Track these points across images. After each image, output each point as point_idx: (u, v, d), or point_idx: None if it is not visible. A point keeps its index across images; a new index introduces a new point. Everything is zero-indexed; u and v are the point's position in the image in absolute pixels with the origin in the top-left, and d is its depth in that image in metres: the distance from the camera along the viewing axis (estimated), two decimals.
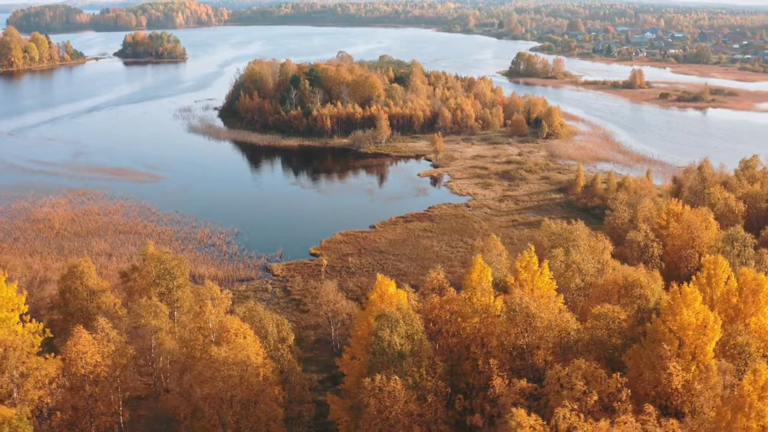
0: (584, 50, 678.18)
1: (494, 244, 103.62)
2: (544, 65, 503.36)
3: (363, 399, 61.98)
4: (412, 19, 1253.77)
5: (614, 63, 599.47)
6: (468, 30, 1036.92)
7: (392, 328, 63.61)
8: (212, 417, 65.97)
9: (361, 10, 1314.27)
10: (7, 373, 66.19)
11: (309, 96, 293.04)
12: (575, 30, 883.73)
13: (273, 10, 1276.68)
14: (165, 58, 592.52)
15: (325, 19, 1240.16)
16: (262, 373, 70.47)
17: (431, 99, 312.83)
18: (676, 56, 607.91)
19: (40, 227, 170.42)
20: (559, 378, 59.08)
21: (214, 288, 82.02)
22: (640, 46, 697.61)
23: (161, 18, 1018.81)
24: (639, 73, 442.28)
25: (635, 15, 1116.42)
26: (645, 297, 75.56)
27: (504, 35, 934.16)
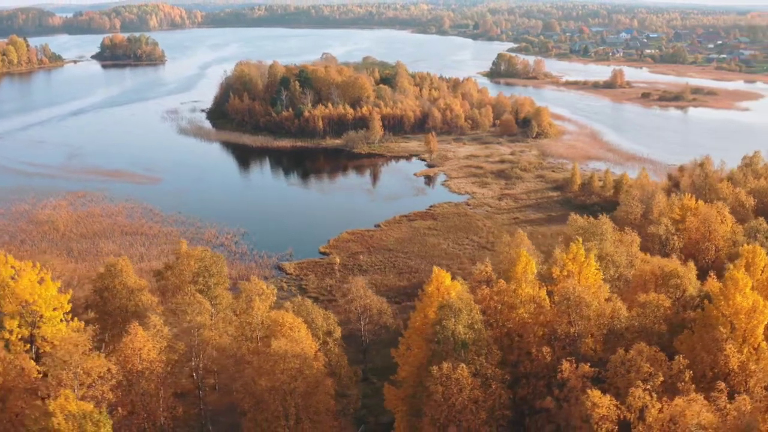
0: (561, 51, 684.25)
1: (521, 239, 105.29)
2: (525, 66, 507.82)
3: (429, 387, 63.61)
4: (386, 20, 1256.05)
5: (591, 63, 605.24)
6: (443, 31, 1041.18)
7: (456, 318, 65.44)
8: (276, 409, 67.30)
9: (334, 12, 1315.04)
10: (71, 369, 67.02)
11: (299, 97, 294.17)
12: (550, 31, 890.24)
13: (247, 13, 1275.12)
14: (144, 60, 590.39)
15: (299, 21, 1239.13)
16: (316, 365, 71.96)
17: (419, 100, 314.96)
18: (653, 56, 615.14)
19: (45, 229, 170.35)
20: (624, 361, 61.19)
21: (260, 283, 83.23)
22: (616, 46, 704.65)
23: (135, 21, 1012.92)
24: (620, 73, 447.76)
25: (608, 15, 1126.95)
26: (682, 286, 77.97)
27: (479, 36, 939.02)
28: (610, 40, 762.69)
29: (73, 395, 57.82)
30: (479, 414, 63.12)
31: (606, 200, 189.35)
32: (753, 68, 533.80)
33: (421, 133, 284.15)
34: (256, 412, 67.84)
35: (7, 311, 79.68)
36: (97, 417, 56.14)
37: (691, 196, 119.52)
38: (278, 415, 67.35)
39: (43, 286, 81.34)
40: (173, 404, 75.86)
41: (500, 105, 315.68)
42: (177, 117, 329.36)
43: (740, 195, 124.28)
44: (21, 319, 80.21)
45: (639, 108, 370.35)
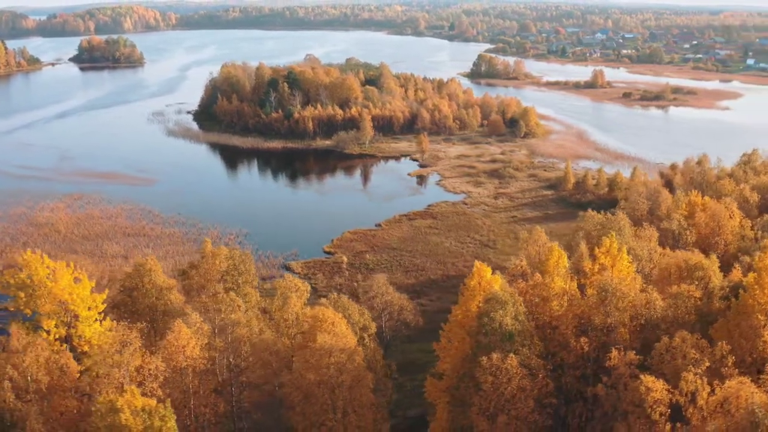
0: (539, 51, 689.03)
1: (539, 235, 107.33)
2: (505, 66, 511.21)
3: (479, 377, 65.28)
4: (361, 22, 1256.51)
5: (569, 64, 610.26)
6: (419, 33, 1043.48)
7: (503, 310, 67.23)
8: (325, 402, 68.69)
9: (309, 14, 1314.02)
10: (123, 367, 68.03)
11: (288, 98, 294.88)
12: (526, 32, 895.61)
13: (221, 15, 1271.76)
14: (122, 63, 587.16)
15: (273, 22, 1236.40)
16: (357, 360, 73.47)
17: (406, 100, 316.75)
18: (630, 56, 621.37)
19: (46, 231, 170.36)
20: (669, 348, 63.27)
21: (294, 280, 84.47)
22: (593, 47, 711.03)
23: (109, 23, 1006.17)
24: (600, 74, 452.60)
25: (582, 16, 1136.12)
26: (707, 278, 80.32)
27: (456, 37, 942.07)
28: (587, 40, 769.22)
29: (138, 391, 58.73)
30: (527, 402, 64.97)
31: (600, 198, 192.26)
32: (729, 68, 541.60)
33: (410, 134, 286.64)
34: (305, 405, 69.15)
35: (45, 311, 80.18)
36: (162, 412, 57.18)
37: (697, 193, 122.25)
38: (327, 409, 68.70)
39: (80, 286, 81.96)
40: (214, 400, 76.90)
41: (486, 105, 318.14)
42: (163, 119, 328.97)
43: (744, 191, 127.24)
44: (57, 319, 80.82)
45: (621, 108, 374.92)
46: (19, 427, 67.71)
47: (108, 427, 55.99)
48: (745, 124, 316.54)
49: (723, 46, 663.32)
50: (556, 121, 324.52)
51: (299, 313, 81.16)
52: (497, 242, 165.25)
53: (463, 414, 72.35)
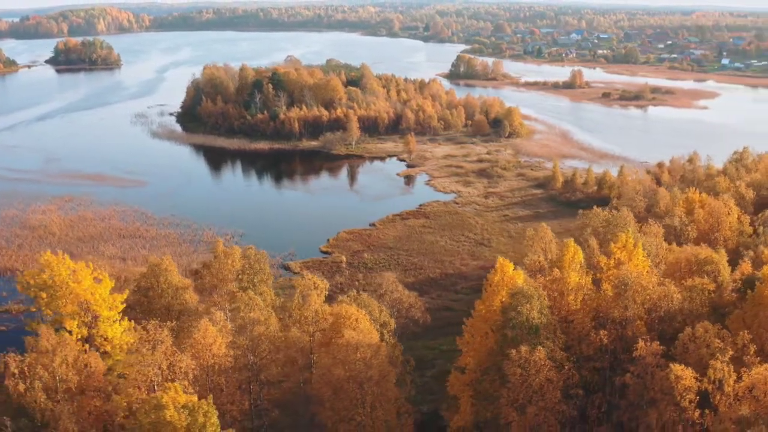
0: (515, 52, 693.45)
1: (545, 232, 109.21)
2: (484, 67, 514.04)
3: (507, 370, 66.87)
4: (335, 23, 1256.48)
5: (545, 64, 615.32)
6: (393, 33, 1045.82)
7: (529, 304, 68.93)
8: (355, 397, 69.95)
9: (283, 15, 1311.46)
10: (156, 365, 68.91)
11: (273, 100, 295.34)
12: (501, 32, 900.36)
13: (194, 16, 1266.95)
14: (99, 65, 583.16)
15: (247, 23, 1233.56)
16: (381, 355, 74.85)
17: (389, 101, 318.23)
18: (606, 57, 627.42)
19: (40, 233, 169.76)
20: (693, 338, 65.25)
21: (314, 278, 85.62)
22: (569, 47, 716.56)
23: (82, 25, 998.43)
24: (579, 74, 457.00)
25: (556, 17, 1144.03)
26: (717, 272, 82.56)
27: (431, 38, 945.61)
28: (562, 41, 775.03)
29: (181, 387, 59.59)
30: (555, 393, 66.70)
31: (589, 197, 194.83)
32: (704, 67, 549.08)
33: (395, 134, 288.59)
34: (335, 400, 70.32)
35: (67, 312, 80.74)
36: (206, 408, 58.10)
37: (694, 190, 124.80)
38: (356, 403, 69.93)
39: (101, 286, 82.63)
40: (239, 398, 77.90)
41: (469, 106, 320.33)
42: (146, 121, 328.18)
43: (740, 188, 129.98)
44: (79, 319, 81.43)
45: (601, 107, 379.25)
46: (51, 427, 68.37)
47: (152, 423, 56.80)
48: (724, 123, 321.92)
49: (697, 46, 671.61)
50: (538, 121, 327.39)
51: (319, 311, 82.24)
52: (492, 240, 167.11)
53: (485, 407, 73.94)
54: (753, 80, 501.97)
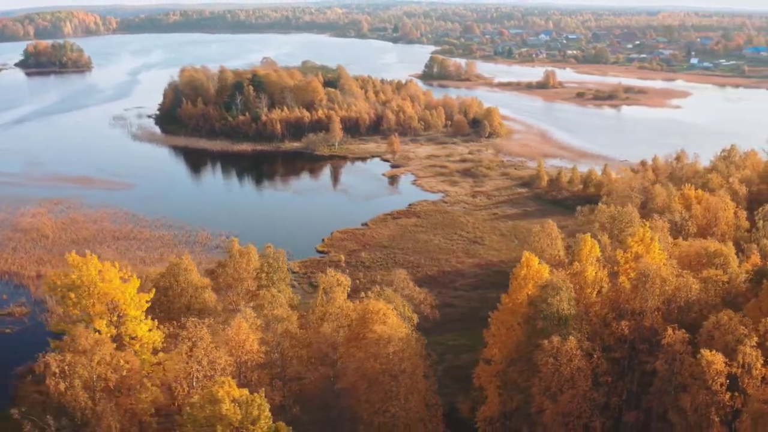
0: (486, 53, 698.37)
1: (551, 228, 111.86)
2: (457, 68, 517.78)
3: (540, 359, 69.23)
4: (303, 24, 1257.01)
5: (516, 65, 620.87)
6: (362, 35, 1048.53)
7: (559, 295, 71.40)
8: (390, 389, 71.90)
9: (250, 17, 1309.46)
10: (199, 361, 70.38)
11: (254, 101, 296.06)
12: (470, 33, 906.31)
13: (162, 18, 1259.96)
14: (70, 68, 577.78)
15: (215, 25, 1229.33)
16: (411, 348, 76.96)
17: (368, 102, 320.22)
18: (576, 57, 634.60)
19: (33, 236, 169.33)
20: (718, 325, 68.02)
21: (337, 275, 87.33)
22: (538, 47, 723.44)
23: (49, 27, 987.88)
24: (552, 74, 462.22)
25: (523, 18, 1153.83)
26: (727, 264, 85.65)
27: (400, 39, 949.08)
28: (531, 41, 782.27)
29: (234, 382, 61.06)
30: (586, 381, 69.21)
31: (575, 195, 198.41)
32: (674, 67, 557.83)
33: (376, 135, 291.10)
34: (370, 393, 72.18)
35: (96, 312, 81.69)
36: (259, 401, 59.69)
37: (690, 186, 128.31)
38: (391, 396, 71.89)
39: (129, 286, 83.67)
40: (271, 394, 79.39)
41: (447, 106, 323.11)
42: (125, 123, 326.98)
43: (734, 184, 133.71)
44: (108, 318, 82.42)
45: (576, 107, 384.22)
46: (92, 426, 69.41)
47: (207, 417, 58.25)
48: (698, 122, 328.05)
49: (666, 46, 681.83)
50: (516, 121, 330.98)
51: (343, 306, 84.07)
52: (484, 239, 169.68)
53: (512, 397, 76.31)
54: (722, 79, 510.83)
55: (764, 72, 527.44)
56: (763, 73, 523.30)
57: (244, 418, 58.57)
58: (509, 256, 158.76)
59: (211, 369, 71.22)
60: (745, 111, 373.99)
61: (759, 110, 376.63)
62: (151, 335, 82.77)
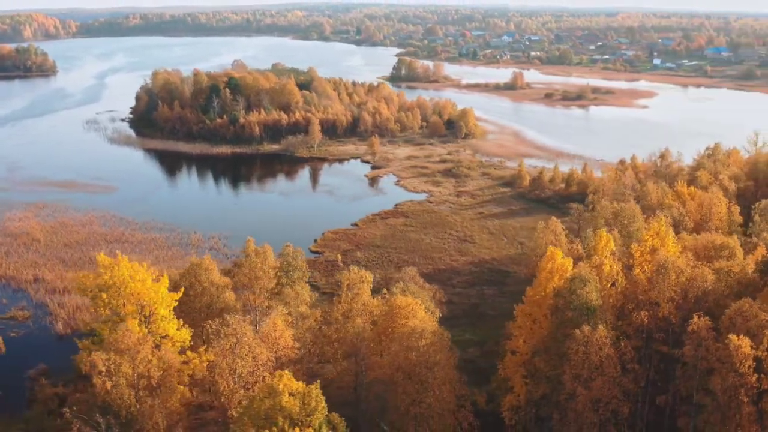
0: (450, 54, 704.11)
1: (555, 225, 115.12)
2: (425, 70, 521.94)
3: (570, 348, 72.16)
4: (264, 27, 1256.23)
5: (480, 66, 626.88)
6: (325, 37, 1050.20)
7: (587, 287, 74.49)
8: (426, 380, 74.36)
9: (211, 20, 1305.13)
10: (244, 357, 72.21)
11: (231, 104, 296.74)
12: (433, 35, 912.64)
13: (122, 22, 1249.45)
14: (34, 72, 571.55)
15: (175, 29, 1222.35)
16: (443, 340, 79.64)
17: (343, 103, 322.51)
18: (540, 58, 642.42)
19: (24, 240, 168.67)
20: (740, 312, 71.41)
21: (361, 272, 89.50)
22: (501, 49, 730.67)
23: (8, 31, 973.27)
24: (519, 75, 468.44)
25: (484, 20, 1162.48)
26: (733, 256, 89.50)
27: (363, 42, 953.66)
28: (494, 43, 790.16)
29: (290, 374, 62.92)
30: (616, 368, 72.35)
31: (558, 194, 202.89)
32: (637, 68, 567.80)
33: (353, 137, 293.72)
34: (407, 384, 74.58)
35: (128, 311, 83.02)
36: (315, 393, 61.72)
37: (683, 183, 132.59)
38: (426, 387, 74.36)
39: (160, 285, 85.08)
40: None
41: (422, 108, 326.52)
42: (100, 127, 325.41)
43: (724, 181, 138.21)
44: (139, 318, 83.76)
45: (545, 108, 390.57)
46: (139, 423, 70.82)
47: (267, 410, 60.10)
48: (666, 121, 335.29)
49: (628, 47, 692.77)
50: (489, 121, 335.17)
51: (367, 302, 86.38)
52: (474, 237, 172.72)
53: (537, 386, 79.24)
54: (684, 80, 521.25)
55: (726, 72, 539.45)
56: (725, 73, 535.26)
57: (301, 410, 60.48)
58: (500, 253, 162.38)
59: (254, 365, 72.91)
60: (712, 110, 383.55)
61: (724, 109, 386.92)
62: (180, 334, 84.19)
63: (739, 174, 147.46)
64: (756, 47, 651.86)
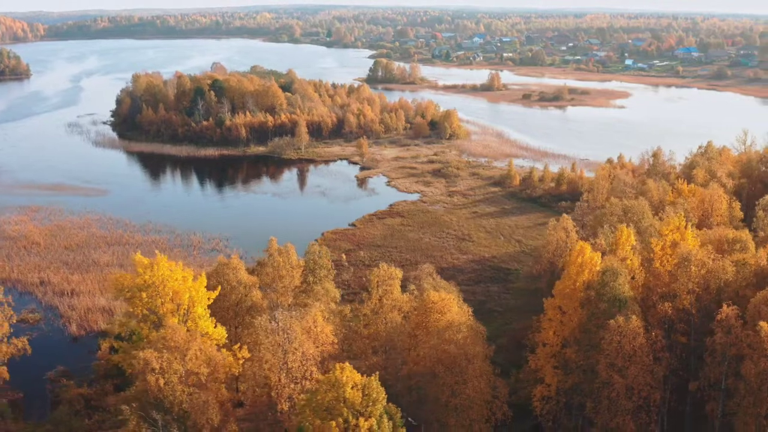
0: (424, 56, 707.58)
1: (566, 222, 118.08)
2: (402, 71, 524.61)
3: (605, 337, 75.03)
4: (233, 30, 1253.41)
5: (454, 67, 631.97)
6: (295, 40, 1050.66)
7: (619, 280, 77.46)
8: (465, 371, 76.82)
9: (180, 23, 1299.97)
10: (297, 352, 74.22)
11: (216, 107, 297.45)
12: (404, 37, 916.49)
13: (90, 24, 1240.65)
14: (7, 75, 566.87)
15: (144, 31, 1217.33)
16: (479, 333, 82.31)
17: (326, 105, 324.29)
18: (513, 59, 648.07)
19: (24, 244, 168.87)
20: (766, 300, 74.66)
21: (390, 269, 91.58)
22: (473, 50, 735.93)
23: None
24: (496, 76, 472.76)
25: (453, 21, 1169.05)
26: (746, 249, 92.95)
27: (334, 44, 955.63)
28: (466, 44, 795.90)
29: (351, 367, 64.97)
30: (648, 356, 75.36)
31: (549, 192, 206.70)
32: (609, 68, 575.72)
33: (338, 138, 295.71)
34: (448, 375, 76.97)
35: (167, 310, 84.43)
36: (375, 384, 63.91)
37: (683, 180, 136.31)
38: (466, 378, 76.82)
39: (198, 283, 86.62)
40: None
41: (404, 109, 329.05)
42: (82, 130, 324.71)
43: (722, 178, 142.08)
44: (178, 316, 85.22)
45: (523, 108, 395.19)
46: (192, 419, 72.29)
47: (330, 402, 62.14)
48: (644, 121, 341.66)
49: (600, 48, 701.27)
50: (470, 122, 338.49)
51: (398, 298, 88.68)
52: (472, 236, 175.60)
53: (568, 377, 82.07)
54: (656, 80, 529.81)
55: (698, 72, 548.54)
56: (696, 74, 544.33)
57: (363, 401, 62.61)
58: (500, 251, 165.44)
59: (303, 359, 74.79)
60: (688, 110, 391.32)
61: (700, 109, 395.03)
62: (216, 331, 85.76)
63: (733, 171, 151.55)
64: (726, 47, 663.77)
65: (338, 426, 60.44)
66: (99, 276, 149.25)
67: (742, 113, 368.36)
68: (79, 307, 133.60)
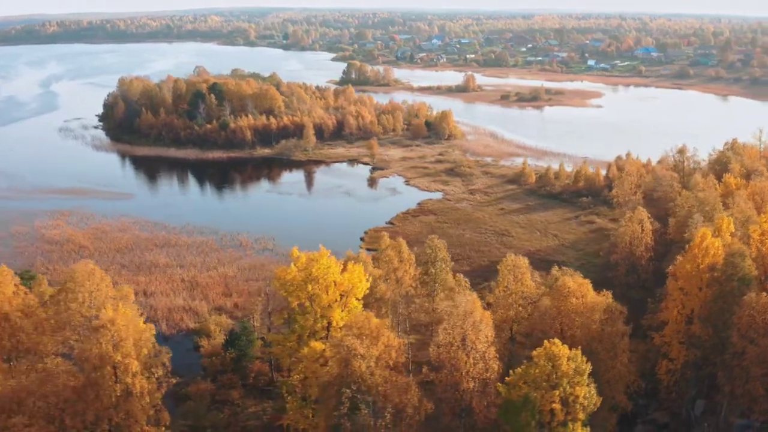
0: (388, 58, 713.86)
1: (641, 214, 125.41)
2: (375, 73, 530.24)
3: (740, 312, 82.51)
4: (185, 33, 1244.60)
5: (418, 69, 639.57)
6: (251, 43, 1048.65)
7: (745, 261, 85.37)
8: (617, 347, 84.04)
9: (130, 26, 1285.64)
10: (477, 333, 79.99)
11: (217, 110, 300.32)
12: (363, 39, 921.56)
13: (39, 29, 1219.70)
14: None
15: (95, 36, 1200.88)
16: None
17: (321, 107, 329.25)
18: (477, 60, 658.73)
19: (71, 248, 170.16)
20: None
21: (517, 257, 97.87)
22: (435, 52, 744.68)
23: None
24: (471, 78, 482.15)
25: (405, 23, 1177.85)
26: None
27: (291, 47, 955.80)
28: (426, 46, 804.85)
29: (558, 341, 71.27)
30: None
31: (567, 189, 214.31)
32: (572, 69, 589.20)
33: (339, 140, 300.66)
34: (603, 352, 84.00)
35: (329, 300, 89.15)
36: (581, 356, 70.33)
37: (730, 175, 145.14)
38: (617, 354, 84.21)
39: (362, 276, 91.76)
40: None
41: (396, 110, 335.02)
42: (75, 135, 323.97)
43: (764, 172, 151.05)
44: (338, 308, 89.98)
45: (503, 109, 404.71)
46: (389, 401, 76.89)
47: (548, 374, 68.44)
48: (626, 120, 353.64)
49: (559, 49, 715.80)
50: (461, 123, 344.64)
51: (528, 285, 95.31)
52: (510, 231, 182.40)
53: (694, 350, 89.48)
54: (620, 80, 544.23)
55: (660, 72, 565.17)
56: (659, 73, 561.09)
57: (575, 372, 68.89)
58: (542, 245, 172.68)
59: (486, 341, 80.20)
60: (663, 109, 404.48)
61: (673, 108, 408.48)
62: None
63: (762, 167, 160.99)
64: (682, 47, 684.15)
65: (560, 394, 66.63)
66: (164, 276, 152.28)
67: (717, 111, 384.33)
68: (161, 308, 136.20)
